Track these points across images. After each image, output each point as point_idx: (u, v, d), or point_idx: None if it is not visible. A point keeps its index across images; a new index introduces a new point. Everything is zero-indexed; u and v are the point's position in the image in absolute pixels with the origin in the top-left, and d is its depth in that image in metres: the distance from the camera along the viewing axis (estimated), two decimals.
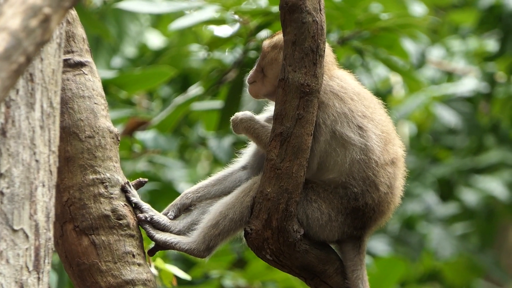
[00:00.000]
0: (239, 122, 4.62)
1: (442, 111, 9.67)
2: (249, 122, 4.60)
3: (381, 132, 4.59)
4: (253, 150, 4.77)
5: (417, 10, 9.47)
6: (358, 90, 4.65)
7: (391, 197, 4.61)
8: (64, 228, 4.51)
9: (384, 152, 4.58)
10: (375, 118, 4.60)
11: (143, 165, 8.23)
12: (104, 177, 4.53)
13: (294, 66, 4.40)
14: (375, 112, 4.62)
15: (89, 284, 4.47)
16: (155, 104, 9.93)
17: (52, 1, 3.41)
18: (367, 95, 4.66)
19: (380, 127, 4.60)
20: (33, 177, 3.80)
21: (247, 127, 4.61)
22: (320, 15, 4.39)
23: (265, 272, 7.53)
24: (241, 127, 4.63)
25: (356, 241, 4.64)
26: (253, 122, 4.61)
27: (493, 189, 10.51)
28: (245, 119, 4.62)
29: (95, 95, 4.60)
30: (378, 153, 4.56)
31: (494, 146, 10.64)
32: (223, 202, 4.60)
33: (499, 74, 10.08)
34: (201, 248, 4.60)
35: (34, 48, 3.37)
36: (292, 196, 4.46)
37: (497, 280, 12.07)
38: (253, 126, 4.59)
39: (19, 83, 3.79)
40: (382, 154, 4.57)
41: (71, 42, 4.61)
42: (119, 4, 7.75)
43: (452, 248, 10.48)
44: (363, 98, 4.62)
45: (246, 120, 4.61)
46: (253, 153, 4.77)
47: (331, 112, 4.53)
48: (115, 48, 9.18)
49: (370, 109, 4.61)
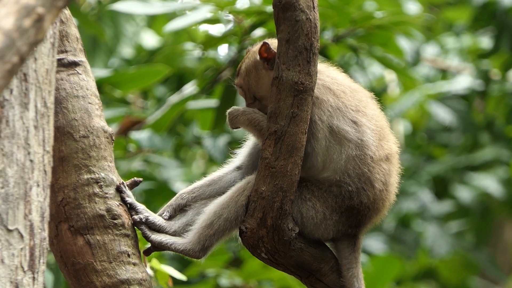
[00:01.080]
0: (240, 114, 4.58)
1: (437, 109, 9.68)
2: (252, 114, 4.57)
3: (375, 127, 4.58)
4: (248, 151, 4.76)
5: (411, 7, 9.48)
6: (348, 83, 4.64)
7: (386, 194, 4.60)
8: (59, 228, 4.51)
9: (379, 147, 4.56)
10: (368, 112, 4.59)
11: (138, 165, 8.22)
12: (99, 177, 4.53)
13: (288, 64, 4.39)
14: (367, 107, 4.61)
15: (84, 283, 4.46)
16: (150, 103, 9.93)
17: (45, 1, 3.40)
18: (358, 88, 4.66)
19: (374, 122, 4.58)
20: (28, 177, 3.80)
21: (250, 118, 4.57)
22: (314, 13, 4.38)
23: (261, 271, 7.53)
24: (242, 119, 4.57)
25: (351, 239, 4.63)
26: (256, 113, 4.58)
27: (488, 186, 10.53)
28: (248, 111, 4.59)
29: (89, 94, 4.60)
30: (373, 148, 4.54)
31: (489, 144, 10.65)
32: (217, 202, 4.59)
33: (494, 71, 10.09)
34: (196, 248, 4.59)
35: (27, 48, 3.36)
36: (287, 194, 4.46)
37: (493, 278, 12.08)
38: (257, 118, 4.56)
39: (13, 83, 3.78)
40: (377, 150, 4.55)
41: (65, 41, 4.60)
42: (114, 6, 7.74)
43: (448, 246, 10.49)
44: (354, 91, 4.61)
45: (249, 112, 4.58)
46: (248, 153, 4.76)
47: (326, 107, 4.52)
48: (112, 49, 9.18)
49: (363, 103, 4.60)
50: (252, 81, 4.63)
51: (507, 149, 10.57)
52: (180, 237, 4.61)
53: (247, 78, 4.65)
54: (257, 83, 4.61)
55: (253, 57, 4.65)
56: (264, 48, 4.58)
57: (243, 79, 4.67)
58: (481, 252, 11.28)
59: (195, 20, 7.11)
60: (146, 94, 9.97)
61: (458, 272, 11.61)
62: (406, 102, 9.50)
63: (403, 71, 7.74)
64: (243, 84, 4.67)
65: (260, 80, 4.60)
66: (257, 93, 4.63)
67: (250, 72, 4.63)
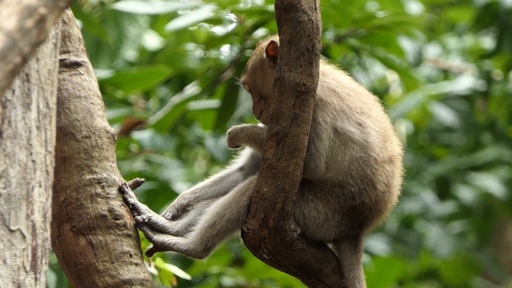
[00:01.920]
0: (239, 131, 4.58)
1: (439, 110, 9.67)
2: (251, 129, 4.57)
3: (380, 129, 4.58)
4: (250, 151, 4.76)
5: (413, 8, 9.47)
6: (353, 85, 4.64)
7: (388, 196, 4.59)
8: (61, 228, 4.51)
9: (383, 149, 4.56)
10: (373, 115, 4.59)
11: (140, 165, 8.23)
12: (101, 177, 4.53)
13: (289, 65, 4.39)
14: (372, 109, 4.61)
15: (87, 284, 4.46)
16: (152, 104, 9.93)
17: (48, 1, 3.40)
18: (362, 91, 4.65)
19: (378, 124, 4.58)
20: (30, 178, 3.80)
21: (250, 133, 4.57)
22: (316, 14, 4.38)
23: (263, 270, 7.53)
24: (242, 136, 4.57)
25: (353, 240, 4.63)
26: (255, 128, 4.58)
27: (490, 187, 10.52)
28: (246, 127, 4.59)
29: (91, 95, 4.60)
30: (378, 150, 4.54)
31: (491, 144, 10.64)
32: (219, 203, 4.59)
33: (496, 71, 10.08)
34: (199, 249, 4.59)
35: (29, 48, 3.37)
36: (289, 195, 4.46)
37: (495, 278, 12.08)
38: (256, 131, 4.57)
39: (15, 83, 3.78)
40: (381, 151, 4.55)
41: (67, 42, 4.60)
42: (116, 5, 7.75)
43: (450, 246, 10.49)
44: (359, 94, 4.61)
45: (248, 127, 4.58)
46: (250, 154, 4.76)
47: (330, 110, 4.52)
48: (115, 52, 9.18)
49: (368, 106, 4.60)
50: (257, 79, 4.62)
51: (509, 149, 10.56)
52: (183, 237, 4.62)
53: (253, 76, 4.64)
54: (263, 82, 4.61)
55: (260, 54, 4.63)
56: (272, 46, 4.57)
57: (249, 77, 4.66)
58: (483, 253, 11.27)
59: (197, 19, 7.11)
60: (148, 94, 9.98)
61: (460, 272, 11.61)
62: (408, 102, 9.50)
63: (405, 72, 7.73)
64: (249, 81, 4.66)
65: (266, 79, 4.59)
66: (262, 92, 4.63)
67: (256, 70, 4.63)
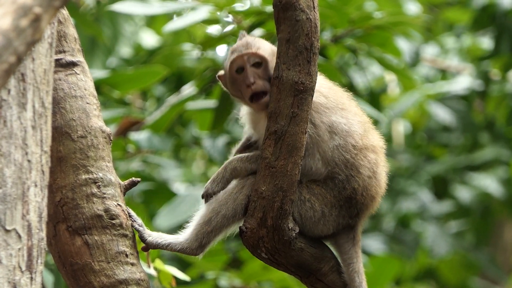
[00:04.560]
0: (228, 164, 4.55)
1: (436, 109, 9.68)
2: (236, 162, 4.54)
3: (361, 120, 4.62)
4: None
5: (411, 8, 9.47)
6: (330, 84, 4.68)
7: (376, 182, 4.61)
8: (57, 228, 4.50)
9: (363, 137, 4.58)
10: (352, 109, 4.63)
11: (137, 165, 8.21)
12: (97, 177, 4.52)
13: (288, 64, 4.39)
14: (350, 104, 4.65)
15: (83, 284, 4.45)
16: (149, 104, 9.92)
17: (43, 1, 3.39)
18: (338, 88, 4.69)
19: (358, 118, 4.63)
20: (25, 177, 3.79)
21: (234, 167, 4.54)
22: (314, 13, 4.39)
23: (261, 272, 7.52)
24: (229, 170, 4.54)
25: (350, 232, 4.63)
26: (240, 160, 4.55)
27: (487, 186, 10.52)
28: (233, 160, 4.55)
29: (87, 94, 4.59)
30: (357, 137, 4.56)
31: (489, 143, 10.64)
32: (215, 199, 4.58)
33: (494, 71, 10.08)
34: (193, 246, 4.59)
35: (25, 47, 3.35)
36: (287, 194, 4.46)
37: (493, 278, 12.08)
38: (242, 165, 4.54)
39: (10, 83, 3.77)
40: (360, 139, 4.57)
41: (63, 41, 4.59)
42: (113, 6, 7.74)
43: (447, 246, 10.48)
44: (336, 91, 4.65)
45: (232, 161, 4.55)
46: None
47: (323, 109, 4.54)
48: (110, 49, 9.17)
49: (346, 101, 4.64)
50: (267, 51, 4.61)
51: (507, 149, 10.57)
52: (177, 235, 4.61)
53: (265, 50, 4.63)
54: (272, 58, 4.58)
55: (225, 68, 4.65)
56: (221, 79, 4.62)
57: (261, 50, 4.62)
58: (481, 252, 11.27)
59: (194, 20, 7.10)
60: (145, 94, 9.97)
61: (458, 272, 11.60)
62: (406, 102, 9.50)
63: (403, 72, 7.73)
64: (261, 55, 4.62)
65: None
66: None
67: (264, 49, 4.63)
